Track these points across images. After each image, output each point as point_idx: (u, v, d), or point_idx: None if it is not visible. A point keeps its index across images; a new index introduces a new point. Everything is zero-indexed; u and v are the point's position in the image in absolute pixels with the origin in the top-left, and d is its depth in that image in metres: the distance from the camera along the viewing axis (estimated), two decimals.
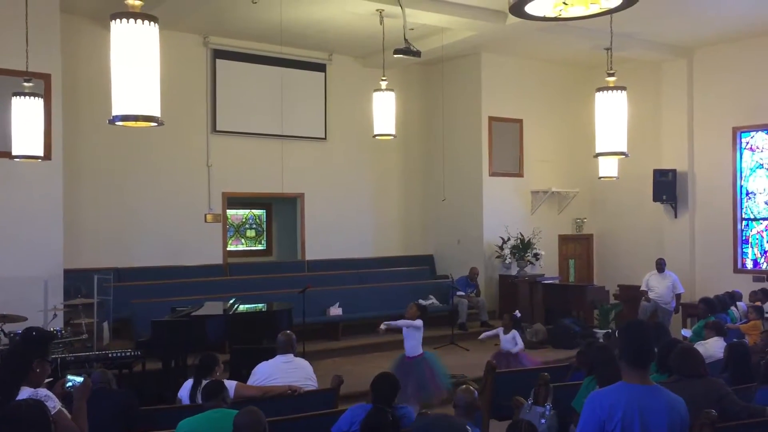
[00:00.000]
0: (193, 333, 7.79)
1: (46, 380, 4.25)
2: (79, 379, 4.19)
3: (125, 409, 5.10)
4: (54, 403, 3.85)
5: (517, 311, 9.98)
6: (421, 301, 10.08)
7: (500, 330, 8.76)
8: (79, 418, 4.01)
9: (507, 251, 13.09)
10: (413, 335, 7.73)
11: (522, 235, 13.23)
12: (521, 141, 14.00)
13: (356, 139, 13.43)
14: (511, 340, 8.58)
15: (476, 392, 4.57)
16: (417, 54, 10.54)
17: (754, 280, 12.01)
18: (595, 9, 3.19)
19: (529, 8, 3.20)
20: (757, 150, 12.64)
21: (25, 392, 3.93)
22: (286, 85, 12.67)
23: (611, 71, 7.01)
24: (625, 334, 3.35)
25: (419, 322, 7.76)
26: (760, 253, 12.62)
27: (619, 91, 6.91)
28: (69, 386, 4.17)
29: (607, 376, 4.45)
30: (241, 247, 15.76)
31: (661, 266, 11.68)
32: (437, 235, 14.56)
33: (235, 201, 13.66)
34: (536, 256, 13.21)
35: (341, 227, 13.56)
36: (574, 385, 5.73)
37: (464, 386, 4.66)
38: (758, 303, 9.64)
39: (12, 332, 7.57)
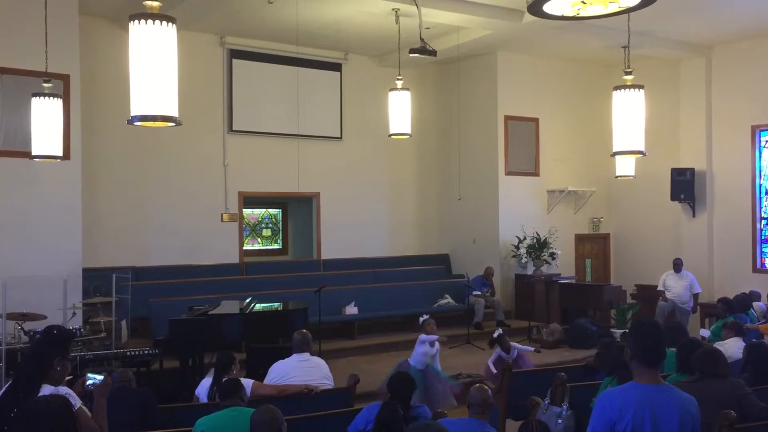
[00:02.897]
0: (210, 332, 7.83)
1: (66, 378, 4.28)
2: (100, 377, 4.21)
3: (145, 408, 5.14)
4: (75, 401, 3.88)
5: (498, 330, 9.09)
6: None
7: (500, 352, 8.24)
8: (99, 416, 4.04)
9: (523, 251, 13.05)
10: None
11: (538, 235, 13.18)
12: (537, 140, 13.94)
13: (372, 138, 13.43)
14: (512, 356, 8.19)
15: (490, 390, 4.56)
16: (433, 53, 10.53)
17: None
18: (613, 8, 3.18)
19: (547, 7, 3.19)
20: None
21: (45, 390, 3.96)
22: (302, 84, 12.71)
23: (629, 69, 6.97)
24: (635, 334, 3.31)
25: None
26: None
27: (637, 89, 6.87)
28: (89, 384, 4.20)
29: (628, 377, 4.42)
30: (257, 247, 15.85)
31: (678, 266, 11.60)
32: (453, 234, 14.53)
33: (251, 200, 13.72)
34: (552, 255, 13.16)
35: (357, 226, 13.57)
36: (590, 385, 5.71)
37: (477, 385, 4.65)
38: None
39: (32, 330, 7.66)
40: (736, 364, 6.26)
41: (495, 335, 8.59)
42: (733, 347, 6.98)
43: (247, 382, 5.32)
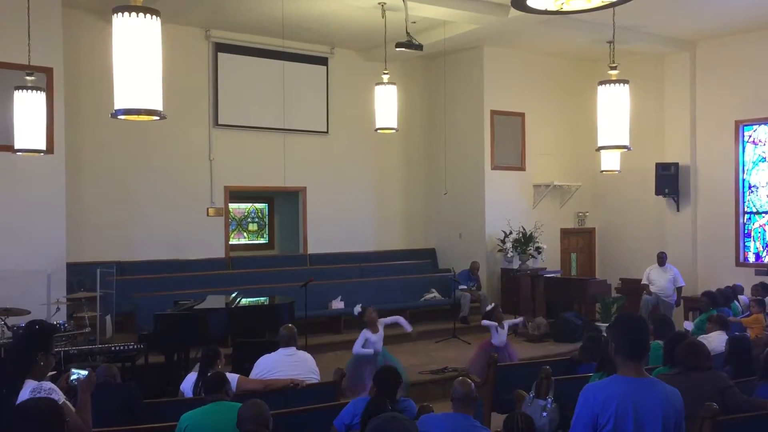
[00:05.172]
0: (195, 326, 7.81)
1: (50, 373, 4.26)
2: (84, 372, 4.20)
3: (129, 403, 5.11)
4: (58, 396, 3.87)
5: (491, 304, 9.55)
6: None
7: (495, 325, 8.37)
8: (83, 411, 4.02)
9: (509, 245, 13.10)
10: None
11: (524, 229, 13.22)
12: (523, 134, 13.98)
13: (358, 132, 13.42)
14: (504, 333, 8.36)
15: (473, 383, 4.57)
16: (419, 47, 10.51)
17: (756, 273, 12.01)
18: (596, 2, 3.19)
19: (530, 1, 3.19)
20: (760, 143, 12.62)
21: (29, 385, 3.94)
22: (288, 78, 12.66)
23: (614, 64, 6.99)
24: (619, 328, 3.32)
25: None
26: (762, 247, 12.62)
27: (622, 84, 6.90)
28: (73, 380, 4.18)
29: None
30: (243, 241, 15.81)
31: (662, 260, 11.69)
32: (439, 228, 14.56)
33: (237, 195, 13.67)
34: (538, 249, 13.22)
35: (343, 221, 13.57)
36: (575, 379, 5.74)
37: (460, 378, 4.66)
38: (760, 297, 9.63)
39: (15, 325, 7.60)
40: (719, 356, 6.32)
41: (488, 308, 8.76)
42: (716, 340, 7.04)
43: (233, 377, 5.31)
